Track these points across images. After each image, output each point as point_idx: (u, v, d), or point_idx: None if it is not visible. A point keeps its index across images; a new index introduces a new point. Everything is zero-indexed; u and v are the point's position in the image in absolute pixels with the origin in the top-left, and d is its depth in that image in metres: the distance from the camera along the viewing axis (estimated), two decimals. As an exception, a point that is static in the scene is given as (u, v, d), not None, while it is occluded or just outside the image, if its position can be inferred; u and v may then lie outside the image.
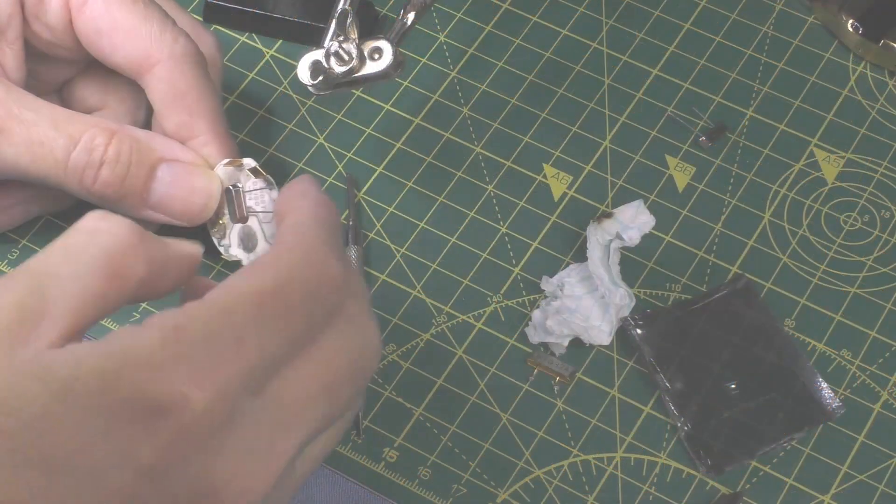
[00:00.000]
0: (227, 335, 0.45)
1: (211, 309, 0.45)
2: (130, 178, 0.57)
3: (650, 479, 0.59)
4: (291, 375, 0.47)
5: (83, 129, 0.57)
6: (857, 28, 0.69)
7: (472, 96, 0.69)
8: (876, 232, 0.65)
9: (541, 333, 0.61)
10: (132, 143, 0.57)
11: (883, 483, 0.59)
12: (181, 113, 0.59)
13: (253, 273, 0.47)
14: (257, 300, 0.46)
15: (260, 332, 0.45)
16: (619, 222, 0.62)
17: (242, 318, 0.45)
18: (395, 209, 0.66)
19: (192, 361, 0.44)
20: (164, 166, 0.58)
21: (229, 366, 0.44)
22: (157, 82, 0.59)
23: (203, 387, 0.44)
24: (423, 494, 0.58)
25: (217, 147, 0.59)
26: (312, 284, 0.47)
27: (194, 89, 0.59)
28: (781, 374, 0.60)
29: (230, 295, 0.46)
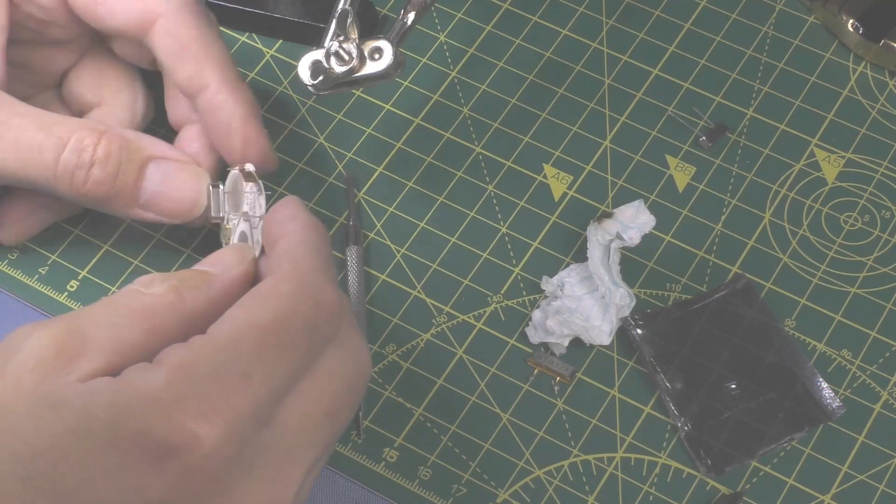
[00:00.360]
0: (234, 370, 0.45)
1: (216, 345, 0.46)
2: (121, 176, 0.57)
3: (650, 479, 0.59)
4: (295, 404, 0.48)
5: (71, 130, 0.56)
6: (857, 28, 0.69)
7: (472, 96, 0.69)
8: (876, 232, 0.65)
9: (541, 333, 0.61)
10: (121, 141, 0.57)
11: (883, 483, 0.59)
12: (190, 64, 0.58)
13: (253, 305, 0.47)
14: (260, 333, 0.47)
15: (265, 364, 0.46)
16: (619, 222, 0.62)
17: (247, 353, 0.46)
18: (395, 209, 0.66)
19: (200, 399, 0.44)
20: (153, 164, 0.57)
21: (237, 401, 0.45)
22: (162, 37, 0.58)
23: (212, 424, 0.44)
24: (424, 494, 0.58)
25: (228, 94, 0.58)
26: (311, 314, 0.48)
27: (199, 38, 0.58)
28: (781, 374, 0.60)
29: (234, 329, 0.46)
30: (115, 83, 0.63)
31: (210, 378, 0.45)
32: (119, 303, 0.48)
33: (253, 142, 0.58)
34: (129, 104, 0.62)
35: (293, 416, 0.47)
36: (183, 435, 0.44)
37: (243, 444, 0.45)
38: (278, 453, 0.47)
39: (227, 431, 0.44)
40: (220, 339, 0.46)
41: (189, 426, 0.44)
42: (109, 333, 0.47)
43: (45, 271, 0.64)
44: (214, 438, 0.44)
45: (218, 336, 0.46)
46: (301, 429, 0.48)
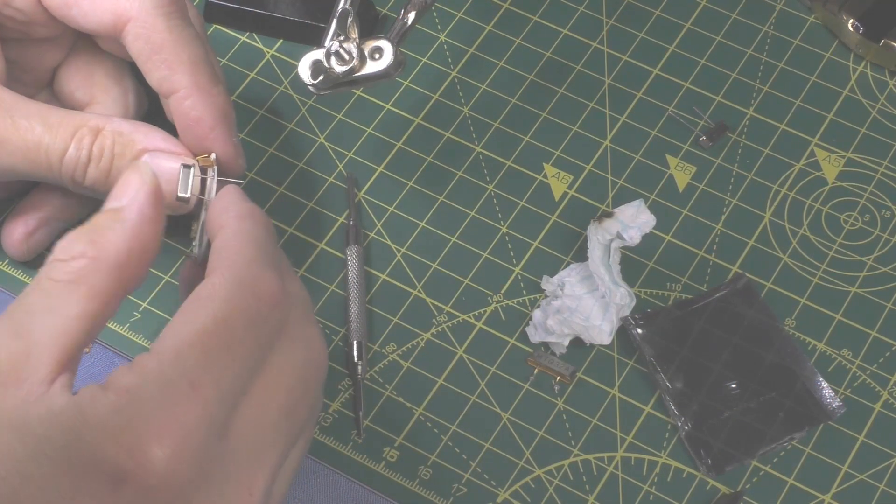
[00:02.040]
0: (180, 385, 0.45)
1: (161, 360, 0.45)
2: (114, 172, 0.57)
3: (650, 478, 0.59)
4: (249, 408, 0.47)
5: (74, 128, 0.57)
6: (857, 28, 0.69)
7: (472, 96, 0.69)
8: (876, 231, 0.65)
9: (541, 333, 0.61)
10: (115, 136, 0.57)
11: (883, 483, 0.59)
12: (160, 68, 0.57)
13: (193, 312, 0.47)
14: (202, 339, 0.46)
15: (211, 372, 0.45)
16: (619, 222, 0.62)
17: (192, 364, 0.45)
18: (395, 209, 0.66)
19: (147, 421, 0.44)
20: (145, 157, 0.57)
21: (186, 417, 0.44)
22: (133, 40, 0.57)
23: (162, 445, 0.44)
24: (424, 494, 0.58)
25: (197, 100, 0.57)
26: (252, 308, 0.47)
27: (171, 41, 0.57)
28: (782, 373, 0.60)
29: (176, 341, 0.46)
30: (104, 80, 0.62)
31: (156, 398, 0.44)
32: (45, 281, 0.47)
33: (219, 149, 0.58)
34: (120, 99, 0.62)
35: (248, 421, 0.46)
36: (134, 459, 0.43)
37: (198, 460, 0.44)
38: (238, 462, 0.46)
39: (178, 450, 0.44)
40: (164, 354, 0.45)
41: (140, 450, 0.43)
42: (49, 320, 0.46)
43: (46, 271, 0.64)
44: (166, 459, 0.43)
45: (161, 352, 0.45)
46: (258, 433, 0.47)
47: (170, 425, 0.44)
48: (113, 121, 0.58)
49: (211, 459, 0.45)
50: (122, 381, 0.45)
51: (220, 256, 0.49)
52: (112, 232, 0.48)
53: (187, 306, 0.47)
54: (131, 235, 0.48)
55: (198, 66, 0.57)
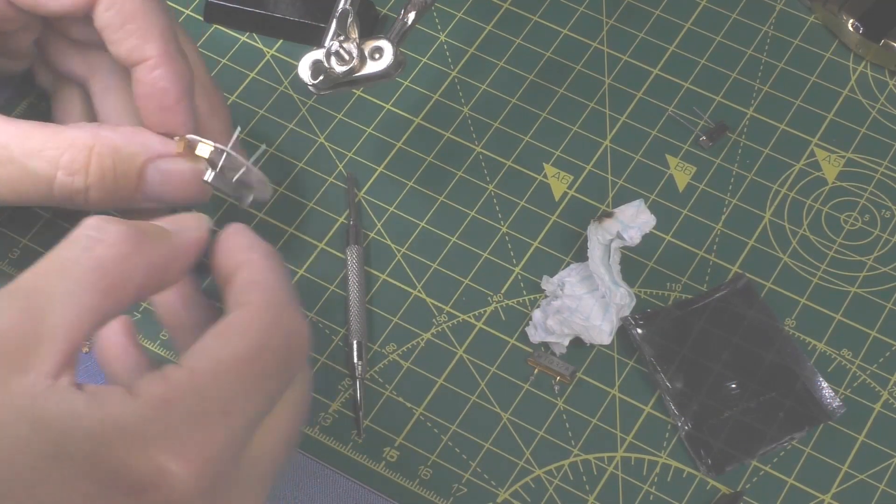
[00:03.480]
0: (214, 408, 0.45)
1: (195, 378, 0.45)
2: (120, 190, 0.56)
3: (650, 478, 0.59)
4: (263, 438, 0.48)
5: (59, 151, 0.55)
6: (857, 28, 0.69)
7: (472, 96, 0.69)
8: (876, 231, 0.65)
9: (541, 333, 0.61)
10: (112, 155, 0.55)
11: (883, 483, 0.59)
12: (130, 37, 0.56)
13: (231, 338, 0.47)
14: (239, 368, 0.46)
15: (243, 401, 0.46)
16: (619, 222, 0.62)
17: (228, 389, 0.45)
18: (395, 209, 0.66)
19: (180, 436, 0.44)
20: (150, 168, 0.56)
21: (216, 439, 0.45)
22: (104, 10, 0.56)
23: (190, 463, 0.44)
24: (424, 494, 0.58)
25: (166, 69, 0.56)
26: (284, 347, 0.48)
27: (141, 12, 0.56)
28: (782, 373, 0.60)
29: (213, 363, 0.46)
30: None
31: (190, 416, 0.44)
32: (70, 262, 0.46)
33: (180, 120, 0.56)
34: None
35: (260, 450, 0.47)
36: (161, 473, 0.43)
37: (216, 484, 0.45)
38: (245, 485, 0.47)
39: (204, 470, 0.44)
40: (200, 374, 0.45)
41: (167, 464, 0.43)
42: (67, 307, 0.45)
43: (46, 271, 0.64)
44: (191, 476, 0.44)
45: (197, 370, 0.45)
46: (265, 461, 0.48)
47: (199, 446, 0.44)
48: (101, 134, 0.56)
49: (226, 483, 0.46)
50: (155, 391, 0.44)
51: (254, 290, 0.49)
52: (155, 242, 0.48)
53: (223, 331, 0.47)
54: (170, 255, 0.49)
55: (167, 36, 0.56)
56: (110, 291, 0.46)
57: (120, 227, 0.47)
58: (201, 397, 0.45)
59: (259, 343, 0.47)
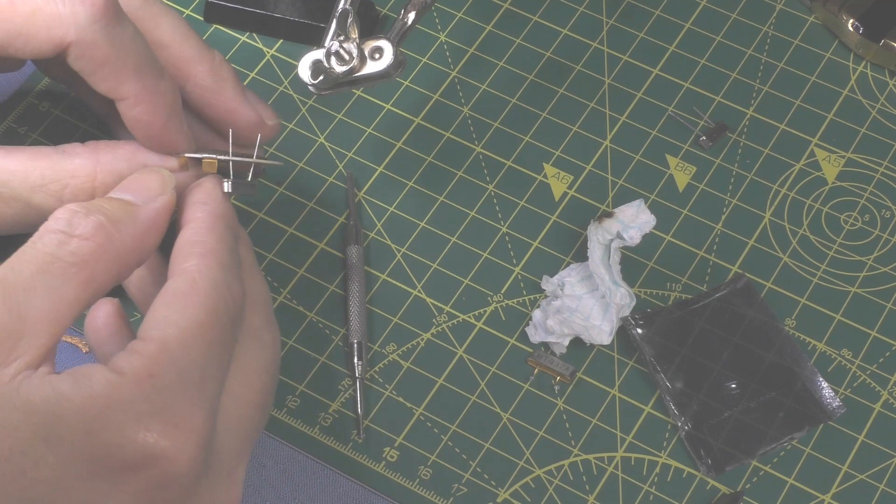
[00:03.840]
0: (193, 376, 0.46)
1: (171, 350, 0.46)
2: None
3: (650, 478, 0.59)
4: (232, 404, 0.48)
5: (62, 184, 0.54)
6: (857, 28, 0.69)
7: (472, 96, 0.69)
8: (876, 231, 0.65)
9: (541, 333, 0.61)
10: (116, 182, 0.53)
11: (883, 483, 0.59)
12: (106, 80, 0.54)
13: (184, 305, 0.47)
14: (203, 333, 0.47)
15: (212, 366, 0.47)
16: (619, 222, 0.62)
17: (199, 356, 0.46)
18: (395, 209, 0.66)
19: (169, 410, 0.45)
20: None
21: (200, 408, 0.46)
22: (75, 60, 0.55)
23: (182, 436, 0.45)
24: (424, 494, 0.58)
25: (145, 105, 0.55)
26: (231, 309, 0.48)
27: (112, 54, 0.54)
28: (782, 373, 0.60)
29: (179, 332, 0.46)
30: None
31: (174, 387, 0.45)
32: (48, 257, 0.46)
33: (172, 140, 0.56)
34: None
35: (230, 416, 0.48)
36: (156, 448, 0.44)
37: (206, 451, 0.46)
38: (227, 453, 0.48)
39: (195, 440, 0.45)
40: (171, 343, 0.46)
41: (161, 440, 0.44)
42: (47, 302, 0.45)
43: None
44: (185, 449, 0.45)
45: (168, 342, 0.46)
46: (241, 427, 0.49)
47: (188, 417, 0.45)
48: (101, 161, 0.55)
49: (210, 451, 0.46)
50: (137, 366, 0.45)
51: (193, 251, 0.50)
52: (124, 226, 0.48)
53: (173, 299, 0.48)
54: (141, 236, 0.49)
55: (141, 68, 0.55)
56: (88, 283, 0.47)
57: (90, 219, 0.47)
58: (179, 368, 0.45)
59: (210, 307, 0.47)
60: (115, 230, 0.48)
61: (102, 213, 0.48)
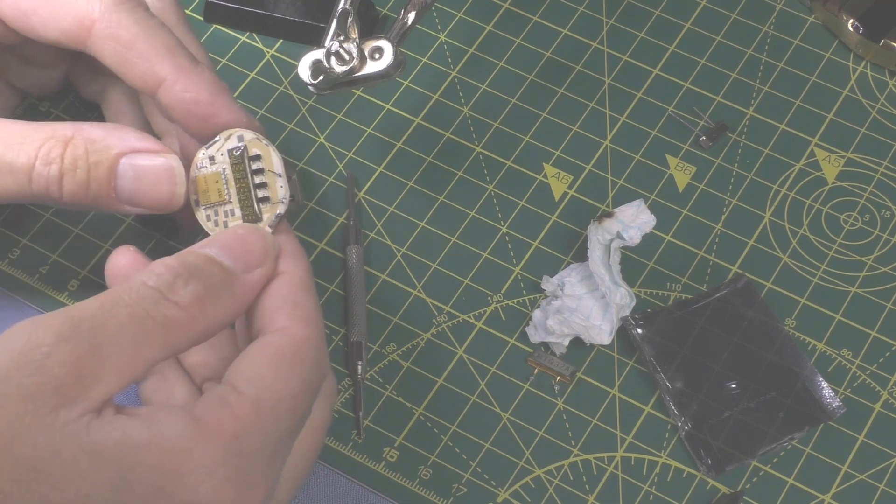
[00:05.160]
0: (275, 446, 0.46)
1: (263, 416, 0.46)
2: (93, 182, 0.54)
3: (651, 478, 0.59)
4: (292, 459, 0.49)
5: (38, 144, 0.53)
6: (857, 28, 0.69)
7: (472, 96, 0.69)
8: (876, 231, 0.65)
9: (541, 333, 0.61)
10: (87, 145, 0.53)
11: (883, 483, 0.59)
12: (139, 63, 0.54)
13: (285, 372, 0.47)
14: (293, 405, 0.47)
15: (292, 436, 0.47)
16: (619, 222, 0.62)
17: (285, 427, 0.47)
18: (395, 209, 0.66)
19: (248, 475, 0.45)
20: (123, 161, 0.54)
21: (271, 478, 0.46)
22: (102, 43, 0.54)
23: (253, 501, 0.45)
24: (424, 494, 0.58)
25: (185, 82, 0.54)
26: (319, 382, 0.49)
27: (141, 34, 0.54)
28: (782, 373, 0.60)
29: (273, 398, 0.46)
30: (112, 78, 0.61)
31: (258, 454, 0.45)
32: (141, 312, 0.46)
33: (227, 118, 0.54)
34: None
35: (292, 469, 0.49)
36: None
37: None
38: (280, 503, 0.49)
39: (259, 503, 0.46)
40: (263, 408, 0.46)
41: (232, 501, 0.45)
42: (128, 354, 0.45)
43: (46, 270, 0.64)
44: None
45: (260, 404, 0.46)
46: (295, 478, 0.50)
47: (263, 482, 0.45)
48: (82, 128, 0.54)
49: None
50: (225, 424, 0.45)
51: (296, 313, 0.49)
52: (220, 301, 0.48)
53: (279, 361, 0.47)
54: (235, 312, 0.49)
55: (174, 50, 0.54)
56: (168, 346, 0.47)
57: (189, 288, 0.47)
58: (265, 436, 0.46)
59: (306, 379, 0.47)
60: (211, 305, 0.47)
61: (202, 284, 0.47)
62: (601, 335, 0.61)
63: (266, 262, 0.50)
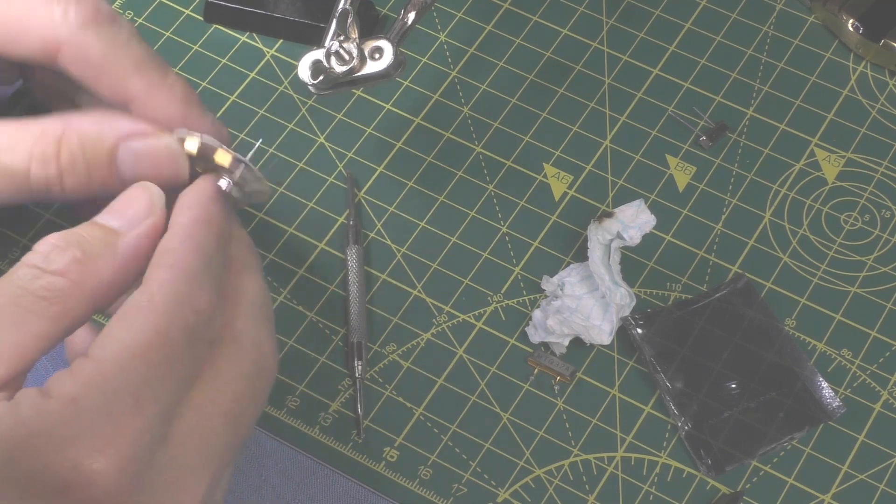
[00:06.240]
0: (125, 397, 0.45)
1: (103, 370, 0.45)
2: (94, 175, 0.52)
3: (650, 478, 0.59)
4: (189, 417, 0.47)
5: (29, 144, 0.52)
6: (857, 28, 0.69)
7: (472, 96, 0.69)
8: (876, 231, 0.65)
9: (541, 333, 0.61)
10: (80, 140, 0.52)
11: (883, 483, 0.59)
12: (109, 81, 0.53)
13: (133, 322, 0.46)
14: (145, 352, 0.45)
15: (153, 385, 0.45)
16: (619, 222, 0.62)
17: (135, 376, 0.45)
18: (395, 209, 0.66)
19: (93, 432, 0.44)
20: (121, 150, 0.52)
21: (130, 430, 0.44)
22: (71, 64, 0.53)
23: (107, 457, 0.44)
24: (424, 494, 0.58)
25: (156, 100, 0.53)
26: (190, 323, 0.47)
27: (110, 53, 0.53)
28: (782, 373, 0.60)
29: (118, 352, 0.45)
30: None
31: (101, 410, 0.44)
32: (19, 290, 0.46)
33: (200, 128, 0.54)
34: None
35: (188, 430, 0.47)
36: (79, 472, 0.43)
37: (140, 471, 0.45)
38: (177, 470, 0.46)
39: (122, 462, 0.44)
40: (106, 364, 0.45)
41: (84, 462, 0.43)
42: (13, 335, 0.45)
43: (46, 271, 0.64)
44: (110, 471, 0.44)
45: (103, 361, 0.45)
46: (199, 441, 0.47)
47: (115, 439, 0.44)
48: (70, 120, 0.53)
49: (151, 469, 0.45)
50: (65, 390, 0.44)
51: (161, 262, 0.48)
52: (102, 260, 0.47)
53: (127, 314, 0.46)
54: (121, 268, 0.48)
55: (143, 65, 0.54)
56: (60, 317, 0.46)
57: (66, 254, 0.46)
58: (109, 389, 0.44)
59: (162, 325, 0.46)
60: (92, 264, 0.47)
61: (79, 247, 0.47)
62: (601, 335, 0.61)
63: (152, 212, 0.49)
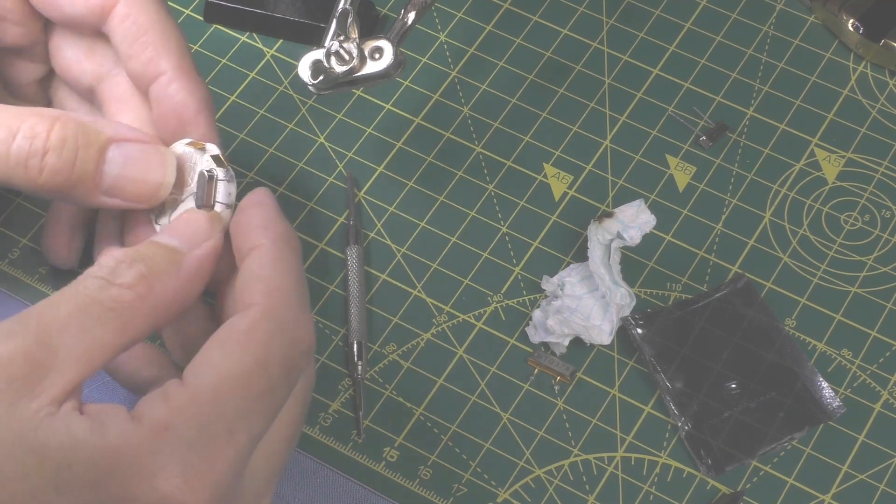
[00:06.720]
0: (219, 428, 0.45)
1: (198, 399, 0.45)
2: (80, 162, 0.52)
3: (651, 478, 0.59)
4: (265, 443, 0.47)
5: (22, 119, 0.52)
6: (857, 28, 0.69)
7: (472, 96, 0.69)
8: (876, 231, 0.65)
9: (541, 333, 0.61)
10: (77, 126, 0.52)
11: (883, 483, 0.59)
12: (147, 50, 0.54)
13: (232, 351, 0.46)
14: (243, 384, 0.45)
15: (248, 419, 0.45)
16: (619, 222, 0.62)
17: (231, 407, 0.45)
18: (395, 209, 0.66)
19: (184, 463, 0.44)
20: (113, 147, 0.52)
21: (221, 462, 0.44)
22: (120, 21, 0.54)
23: (196, 492, 0.44)
24: (424, 494, 0.58)
25: (182, 83, 0.54)
26: (289, 355, 0.47)
27: (158, 24, 0.55)
28: (782, 373, 0.60)
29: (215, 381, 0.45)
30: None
31: (193, 441, 0.44)
32: (87, 299, 0.46)
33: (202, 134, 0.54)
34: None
35: (262, 456, 0.47)
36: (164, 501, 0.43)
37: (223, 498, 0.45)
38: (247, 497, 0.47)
39: (210, 494, 0.44)
40: (203, 394, 0.45)
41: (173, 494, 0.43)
42: (81, 341, 0.45)
43: (46, 271, 0.64)
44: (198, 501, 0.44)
45: (199, 390, 0.45)
46: (267, 466, 0.48)
47: (206, 473, 0.44)
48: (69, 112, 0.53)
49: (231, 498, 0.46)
50: (158, 415, 0.44)
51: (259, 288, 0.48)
52: (166, 277, 0.48)
53: (227, 339, 0.46)
54: (184, 287, 0.48)
55: (182, 51, 0.55)
56: (124, 329, 0.46)
57: (133, 269, 0.47)
58: (204, 419, 0.44)
59: (263, 356, 0.46)
60: (157, 281, 0.47)
61: (145, 264, 0.47)
62: (601, 335, 0.61)
63: (213, 234, 0.50)
